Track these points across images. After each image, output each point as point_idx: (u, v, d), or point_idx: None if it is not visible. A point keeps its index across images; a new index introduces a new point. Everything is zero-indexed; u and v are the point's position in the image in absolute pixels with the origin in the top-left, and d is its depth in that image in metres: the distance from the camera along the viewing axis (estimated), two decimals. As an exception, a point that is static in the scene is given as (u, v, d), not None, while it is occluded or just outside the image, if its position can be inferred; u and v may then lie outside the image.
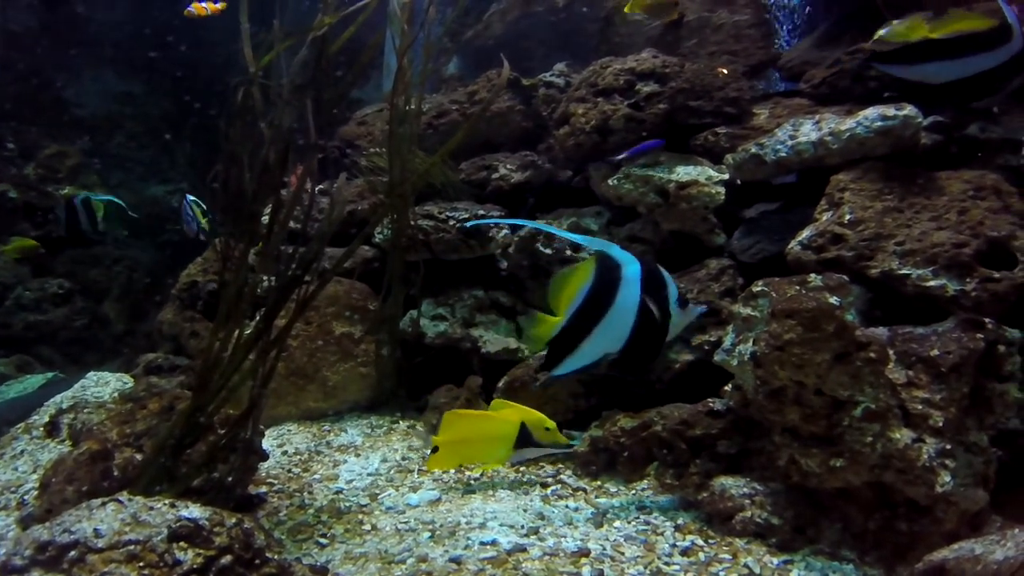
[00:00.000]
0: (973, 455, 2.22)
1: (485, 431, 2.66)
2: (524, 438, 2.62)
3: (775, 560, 2.25)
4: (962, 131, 2.90)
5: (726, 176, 3.30)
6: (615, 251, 2.18)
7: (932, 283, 2.48)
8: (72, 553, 1.64)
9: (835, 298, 2.29)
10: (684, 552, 2.31)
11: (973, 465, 2.20)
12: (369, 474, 3.03)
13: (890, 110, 2.74)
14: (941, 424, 2.17)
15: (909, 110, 2.74)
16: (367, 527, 2.56)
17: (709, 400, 2.71)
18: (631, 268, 2.11)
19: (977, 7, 3.11)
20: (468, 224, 3.04)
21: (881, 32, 2.80)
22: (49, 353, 5.16)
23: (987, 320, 2.34)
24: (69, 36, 5.85)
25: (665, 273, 2.19)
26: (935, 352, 2.28)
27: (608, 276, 2.13)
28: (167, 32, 5.85)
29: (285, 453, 3.26)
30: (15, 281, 5.23)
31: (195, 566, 1.69)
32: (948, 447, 2.16)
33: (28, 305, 5.21)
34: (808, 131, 2.91)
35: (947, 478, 2.12)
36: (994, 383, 2.33)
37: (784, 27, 4.51)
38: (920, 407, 2.21)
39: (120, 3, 5.96)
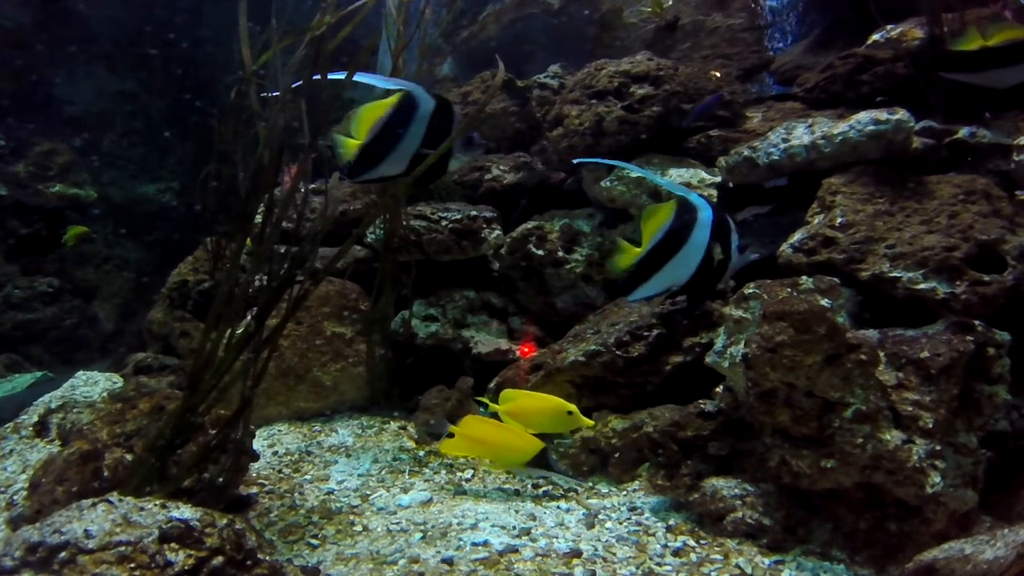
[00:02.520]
0: (962, 456, 2.23)
1: (506, 441, 2.74)
2: (540, 459, 2.72)
3: (766, 560, 2.26)
4: (953, 136, 2.93)
5: (719, 179, 3.31)
6: (694, 197, 2.44)
7: (922, 286, 2.50)
8: (62, 554, 1.62)
9: (826, 300, 2.31)
10: (676, 553, 2.32)
11: (962, 466, 2.22)
12: (360, 475, 3.02)
13: (882, 114, 2.76)
14: (931, 425, 2.19)
15: (901, 114, 2.76)
16: (358, 528, 2.55)
17: (700, 402, 2.72)
18: (705, 213, 2.36)
19: (973, 11, 3.15)
20: (575, 161, 3.16)
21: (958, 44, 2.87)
22: (38, 352, 5.13)
23: (976, 323, 2.36)
24: (62, 33, 5.81)
25: (731, 221, 2.45)
26: (925, 354, 2.30)
27: (685, 218, 2.40)
28: (161, 30, 5.83)
29: (276, 454, 3.25)
30: (4, 279, 5.19)
31: (186, 567, 1.68)
32: (938, 448, 2.18)
33: (17, 304, 5.17)
34: (801, 134, 2.93)
35: (937, 479, 2.13)
36: (983, 385, 2.35)
37: (777, 31, 4.54)
38: (910, 409, 2.22)
39: (113, 1, 5.93)
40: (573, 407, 2.72)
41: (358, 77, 2.38)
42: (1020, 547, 1.68)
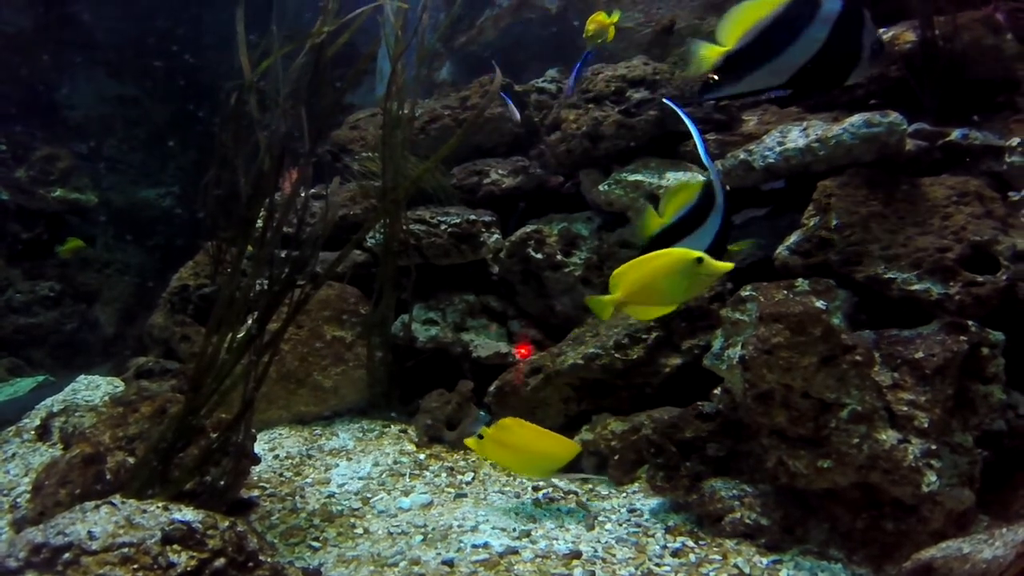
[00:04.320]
0: (958, 455, 2.25)
1: (541, 446, 2.62)
2: (573, 464, 2.63)
3: (764, 560, 2.27)
4: (945, 138, 2.95)
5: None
6: (716, 178, 2.21)
7: (917, 287, 2.52)
8: (66, 555, 1.64)
9: (822, 302, 2.33)
10: (675, 553, 2.34)
11: (958, 465, 2.24)
12: (361, 478, 3.04)
13: (876, 117, 2.79)
14: (926, 425, 2.21)
15: (894, 117, 2.79)
16: (359, 530, 2.57)
17: (699, 403, 2.74)
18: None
19: (965, 14, 3.18)
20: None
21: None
22: (40, 356, 5.14)
23: (970, 323, 2.38)
24: (63, 38, 5.83)
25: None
26: (920, 355, 2.32)
27: (706, 202, 2.17)
28: (162, 35, 5.85)
29: (277, 457, 3.27)
30: (6, 283, 5.21)
31: (189, 568, 1.70)
32: (933, 447, 2.20)
33: (19, 308, 5.18)
34: (796, 137, 2.95)
35: (933, 478, 2.15)
36: (978, 385, 2.37)
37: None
38: (905, 408, 2.24)
39: (114, 5, 5.95)
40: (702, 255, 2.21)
41: None
42: (1019, 546, 1.68)
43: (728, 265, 2.14)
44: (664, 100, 2.73)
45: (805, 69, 2.00)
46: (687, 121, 2.32)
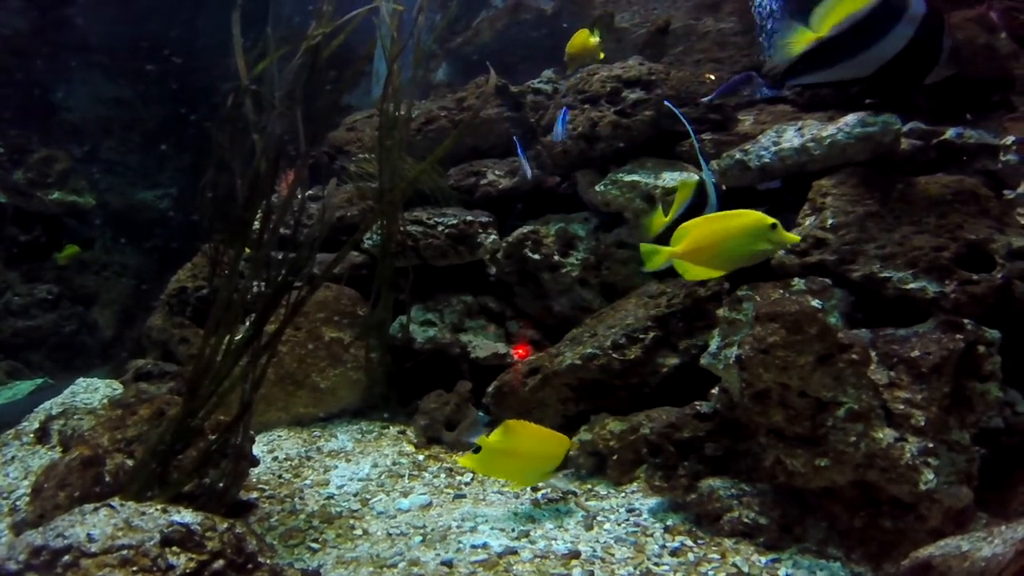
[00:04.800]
0: (956, 453, 2.26)
1: (538, 447, 2.55)
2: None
3: (763, 559, 2.28)
4: (940, 137, 2.96)
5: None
6: (708, 178, 2.30)
7: (912, 286, 2.52)
8: (66, 558, 1.64)
9: (818, 301, 2.33)
10: (673, 553, 2.34)
11: (956, 463, 2.24)
12: (360, 479, 3.04)
13: (870, 117, 2.80)
14: (923, 423, 2.22)
15: (889, 116, 2.80)
16: (358, 532, 2.57)
17: (696, 403, 2.75)
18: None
19: (959, 12, 3.18)
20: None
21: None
22: (38, 359, 5.14)
23: (966, 321, 2.39)
24: (60, 40, 5.83)
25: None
26: (916, 353, 2.32)
27: (701, 199, 2.25)
28: (158, 37, 5.85)
29: (276, 459, 3.27)
30: (4, 286, 5.21)
31: (188, 570, 1.70)
32: (930, 446, 2.20)
33: (17, 310, 5.18)
34: (791, 137, 2.96)
35: (930, 476, 2.16)
36: (975, 383, 2.38)
37: (768, 35, 4.57)
38: (902, 407, 2.25)
39: (112, 8, 5.95)
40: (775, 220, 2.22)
41: None
42: (1018, 544, 1.68)
43: (795, 237, 2.22)
44: (665, 103, 2.78)
45: (890, 64, 2.06)
46: (684, 121, 2.36)
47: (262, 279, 2.39)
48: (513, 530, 2.53)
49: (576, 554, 2.34)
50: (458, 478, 3.04)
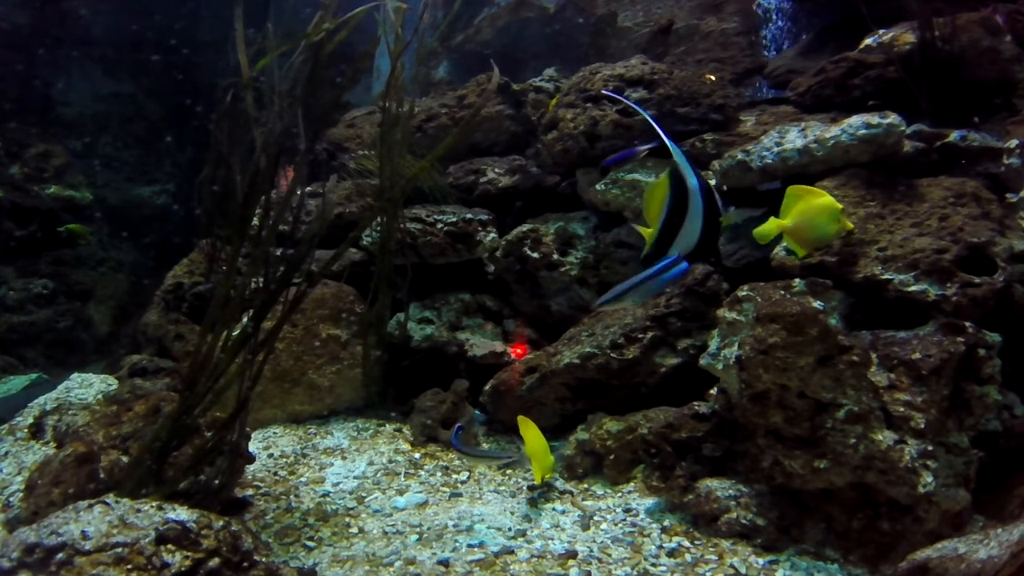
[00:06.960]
0: (954, 456, 2.25)
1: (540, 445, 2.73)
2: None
3: (761, 560, 2.27)
4: (943, 139, 2.95)
5: (712, 182, 3.33)
6: (682, 160, 2.40)
7: (913, 288, 2.52)
8: (60, 555, 1.63)
9: (818, 303, 2.33)
10: (670, 553, 2.34)
11: (954, 466, 2.24)
12: (356, 477, 3.03)
13: (874, 118, 2.79)
14: (922, 426, 2.21)
15: (893, 118, 2.79)
16: (354, 530, 2.56)
17: (694, 403, 2.74)
18: (693, 181, 2.31)
19: (964, 15, 3.18)
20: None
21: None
22: (33, 354, 5.11)
23: (967, 324, 2.38)
24: (58, 35, 5.80)
25: (712, 185, 2.40)
26: (916, 355, 2.32)
27: (680, 190, 2.35)
28: (157, 32, 5.82)
29: (271, 456, 3.26)
30: (-1, 281, 5.18)
31: (183, 569, 1.69)
32: (929, 448, 2.20)
33: (12, 306, 5.15)
34: (794, 138, 2.95)
35: (929, 478, 2.15)
36: (974, 385, 2.38)
37: (769, 35, 4.57)
38: (902, 409, 2.24)
39: (110, 2, 5.93)
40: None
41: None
42: (1014, 547, 1.68)
43: (849, 225, 2.46)
44: (637, 108, 2.87)
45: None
46: (661, 133, 2.42)
47: (260, 275, 2.38)
48: (510, 529, 2.52)
49: (573, 554, 2.33)
50: (454, 477, 3.03)
